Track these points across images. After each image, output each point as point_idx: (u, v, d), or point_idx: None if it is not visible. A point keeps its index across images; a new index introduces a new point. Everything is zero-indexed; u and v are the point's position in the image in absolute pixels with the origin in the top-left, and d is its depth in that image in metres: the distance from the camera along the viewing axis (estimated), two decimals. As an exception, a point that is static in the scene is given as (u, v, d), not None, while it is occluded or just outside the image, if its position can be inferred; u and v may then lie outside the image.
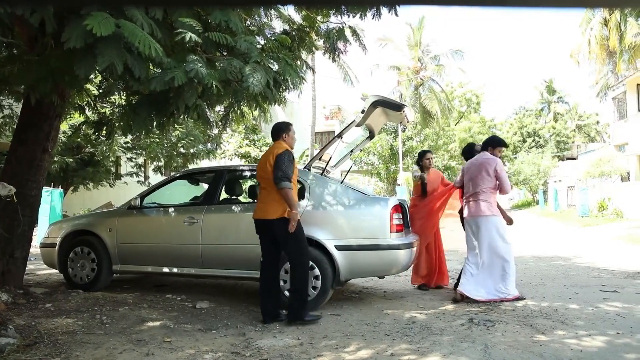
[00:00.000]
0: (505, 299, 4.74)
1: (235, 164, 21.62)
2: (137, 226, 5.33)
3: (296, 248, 4.09)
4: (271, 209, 4.06)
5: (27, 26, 3.04)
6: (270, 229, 4.10)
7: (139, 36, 2.57)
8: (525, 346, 3.41)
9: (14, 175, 4.69)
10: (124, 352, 3.32)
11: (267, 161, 4.11)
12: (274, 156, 4.06)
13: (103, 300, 4.78)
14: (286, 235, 4.03)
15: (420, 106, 27.57)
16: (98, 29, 2.40)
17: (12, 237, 4.66)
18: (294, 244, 4.08)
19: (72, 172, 13.63)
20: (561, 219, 19.23)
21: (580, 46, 25.87)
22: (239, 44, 3.25)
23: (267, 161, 4.11)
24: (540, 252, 8.90)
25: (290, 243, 4.07)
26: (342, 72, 23.27)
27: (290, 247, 4.10)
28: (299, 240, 4.10)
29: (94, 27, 2.39)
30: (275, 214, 4.04)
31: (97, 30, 2.40)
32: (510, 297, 4.76)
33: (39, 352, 3.22)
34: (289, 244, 4.08)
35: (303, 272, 4.12)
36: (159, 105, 3.64)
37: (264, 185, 4.17)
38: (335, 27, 4.98)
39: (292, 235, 4.03)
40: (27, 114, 4.94)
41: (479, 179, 4.88)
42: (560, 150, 39.78)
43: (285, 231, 4.00)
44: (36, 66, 3.24)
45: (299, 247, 4.10)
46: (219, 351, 3.35)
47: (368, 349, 3.39)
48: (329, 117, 32.83)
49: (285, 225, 4.01)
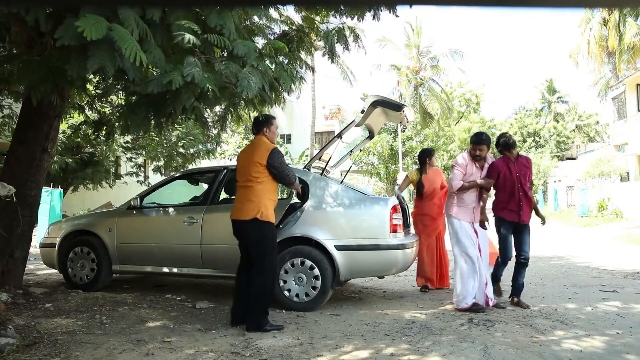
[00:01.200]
0: (458, 308, 4.48)
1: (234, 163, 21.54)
2: (137, 226, 5.33)
3: (264, 253, 3.87)
4: (244, 209, 3.87)
5: (25, 25, 3.04)
6: (242, 230, 3.91)
7: (128, 43, 2.56)
8: (524, 346, 3.42)
9: (14, 175, 4.69)
10: (124, 352, 3.32)
11: (252, 160, 3.91)
12: (261, 157, 3.88)
13: (103, 300, 4.78)
14: (256, 239, 3.85)
15: (420, 106, 27.57)
16: (89, 32, 2.39)
17: (12, 237, 4.66)
18: (263, 248, 3.87)
19: (72, 172, 13.63)
20: (561, 219, 19.24)
21: (579, 46, 25.86)
22: (235, 49, 3.24)
23: (252, 160, 3.91)
24: (539, 252, 8.89)
25: (259, 247, 3.87)
26: (341, 72, 23.30)
27: (258, 251, 3.87)
28: (269, 246, 3.90)
29: (85, 30, 2.39)
30: (249, 215, 3.84)
31: (87, 34, 2.39)
32: (460, 306, 4.46)
33: (38, 352, 3.22)
34: (258, 248, 3.87)
35: (268, 279, 3.90)
36: (156, 105, 3.64)
37: (242, 184, 3.97)
38: (334, 28, 4.98)
39: (263, 240, 3.86)
40: (27, 114, 4.94)
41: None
42: (560, 151, 39.80)
43: (256, 234, 3.84)
44: (36, 66, 3.24)
45: (267, 253, 3.88)
46: (219, 351, 3.35)
47: (368, 349, 3.39)
48: (328, 117, 32.84)
49: (258, 227, 3.83)
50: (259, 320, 3.81)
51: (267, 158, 3.89)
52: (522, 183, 4.61)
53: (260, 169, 3.90)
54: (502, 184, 4.63)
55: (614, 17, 22.54)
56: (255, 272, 3.89)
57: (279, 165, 3.93)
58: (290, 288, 4.51)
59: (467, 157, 4.71)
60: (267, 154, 3.90)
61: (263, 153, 3.91)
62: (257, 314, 3.83)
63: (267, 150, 3.92)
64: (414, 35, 28.72)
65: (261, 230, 3.85)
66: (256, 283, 3.87)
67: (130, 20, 2.64)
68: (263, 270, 3.87)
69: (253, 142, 4.11)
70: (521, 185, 4.60)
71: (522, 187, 4.60)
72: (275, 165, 3.92)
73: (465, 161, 4.66)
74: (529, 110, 45.83)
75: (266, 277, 3.88)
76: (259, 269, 3.87)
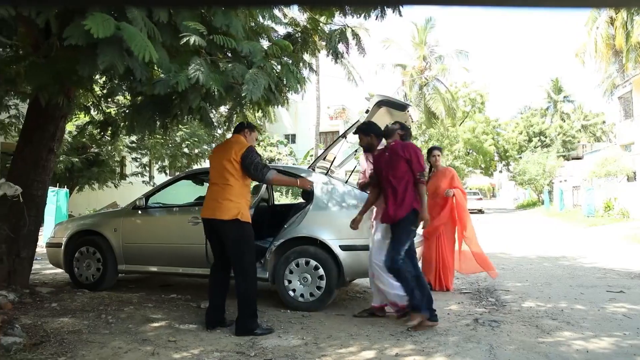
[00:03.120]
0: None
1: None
2: (142, 226, 5.35)
3: (244, 254, 3.81)
4: (223, 208, 3.76)
5: (33, 27, 3.05)
6: (219, 230, 3.82)
7: (137, 40, 2.57)
8: (530, 347, 3.40)
9: (20, 175, 4.72)
10: (129, 352, 3.33)
11: (226, 157, 3.82)
12: (236, 154, 3.81)
13: (108, 299, 4.80)
14: (236, 240, 3.79)
15: (425, 106, 27.53)
16: (96, 30, 2.40)
17: (19, 237, 4.69)
18: (243, 249, 3.80)
19: (78, 172, 13.69)
20: (567, 219, 19.13)
21: (585, 45, 25.72)
22: (241, 48, 3.25)
23: (226, 157, 3.82)
24: (545, 252, 8.86)
25: (240, 248, 3.80)
26: (346, 72, 23.30)
27: (238, 252, 3.80)
28: (249, 246, 3.85)
29: (92, 28, 2.40)
30: (228, 215, 3.74)
31: (95, 32, 2.40)
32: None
33: (45, 351, 3.24)
34: (238, 249, 3.80)
35: (251, 280, 3.83)
36: (162, 106, 3.66)
37: (216, 181, 3.89)
38: (337, 30, 4.98)
39: (243, 241, 3.80)
40: (33, 115, 4.97)
41: None
42: (566, 150, 39.59)
43: (237, 235, 3.77)
44: (44, 67, 3.26)
45: (248, 254, 3.83)
46: (224, 351, 3.36)
47: (372, 349, 3.39)
48: (333, 117, 32.85)
49: (237, 228, 3.75)
50: (248, 324, 3.75)
51: (241, 156, 3.82)
52: (389, 175, 4.04)
53: (236, 166, 3.83)
54: (379, 178, 4.19)
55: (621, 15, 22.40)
56: (238, 275, 3.81)
57: (248, 162, 3.82)
58: (295, 288, 4.51)
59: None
60: (242, 152, 3.83)
61: (238, 151, 3.84)
62: (246, 318, 3.76)
63: (242, 149, 3.85)
64: (419, 35, 28.68)
65: (241, 231, 3.80)
66: (240, 287, 3.79)
67: (138, 20, 2.65)
68: (245, 272, 3.81)
69: (230, 140, 4.05)
70: (387, 177, 4.06)
71: (388, 179, 4.06)
72: (244, 162, 3.82)
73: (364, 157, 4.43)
74: (535, 110, 45.61)
75: (249, 279, 3.83)
76: (241, 271, 3.80)
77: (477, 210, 26.96)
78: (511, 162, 40.35)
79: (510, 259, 8.12)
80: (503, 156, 41.18)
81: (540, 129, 42.07)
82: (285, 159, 24.41)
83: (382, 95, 4.90)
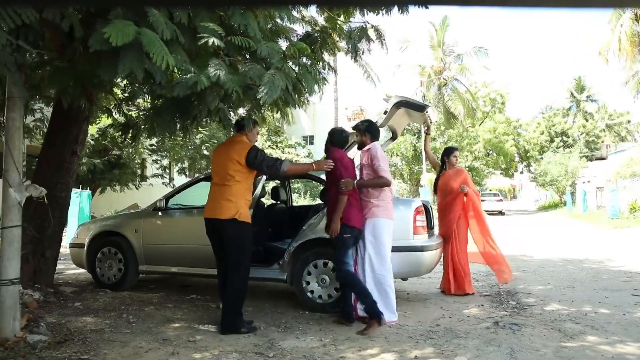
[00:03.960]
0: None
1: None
2: (162, 227, 5.42)
3: (242, 253, 3.83)
4: (222, 207, 3.79)
5: (58, 32, 3.12)
6: (219, 229, 3.84)
7: (156, 47, 2.61)
8: (553, 351, 3.33)
9: (45, 177, 4.83)
10: (150, 351, 3.37)
11: (230, 158, 3.82)
12: (239, 155, 3.81)
13: (129, 299, 4.87)
14: (234, 238, 3.80)
15: (444, 107, 27.25)
16: (115, 38, 2.45)
17: (43, 238, 4.80)
18: (241, 247, 3.83)
19: (100, 174, 13.96)
20: (590, 221, 18.73)
21: (609, 43, 25.12)
22: (259, 50, 3.27)
23: (230, 158, 3.82)
24: (568, 255, 8.68)
25: (237, 247, 3.82)
26: (364, 73, 23.22)
27: (236, 250, 3.82)
28: (246, 246, 3.86)
29: (111, 36, 2.45)
30: (227, 214, 3.76)
31: (114, 40, 2.45)
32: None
33: (69, 350, 3.30)
34: (235, 247, 3.82)
35: (244, 280, 3.86)
36: (182, 108, 3.69)
37: (217, 181, 3.91)
38: (357, 27, 4.95)
39: (240, 240, 3.82)
40: (57, 118, 5.08)
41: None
42: (590, 150, 38.77)
43: (234, 234, 3.79)
44: (66, 71, 3.34)
45: (244, 253, 3.85)
46: (243, 351, 3.37)
47: (391, 352, 3.36)
48: (351, 118, 32.79)
49: (236, 227, 3.77)
50: (233, 322, 3.78)
51: (246, 156, 3.81)
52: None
53: (238, 167, 3.82)
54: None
55: (646, 12, 21.84)
56: (232, 273, 3.83)
57: (258, 161, 3.81)
58: (313, 289, 4.51)
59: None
60: (246, 152, 3.83)
61: (241, 151, 3.84)
62: (232, 316, 3.79)
63: (245, 149, 3.84)
64: (437, 34, 28.43)
65: (240, 230, 3.81)
66: (233, 285, 3.82)
67: (160, 22, 2.70)
68: (239, 271, 3.83)
69: (232, 140, 4.04)
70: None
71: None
72: (251, 162, 3.81)
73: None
74: (557, 109, 44.80)
75: (242, 279, 3.85)
76: (236, 270, 3.83)
77: (497, 212, 26.61)
78: (532, 162, 39.70)
79: (531, 261, 7.97)
80: (524, 157, 40.54)
81: (563, 129, 41.31)
82: (303, 160, 24.47)
83: (401, 96, 4.87)
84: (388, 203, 4.11)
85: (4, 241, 3.35)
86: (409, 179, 26.44)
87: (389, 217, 4.10)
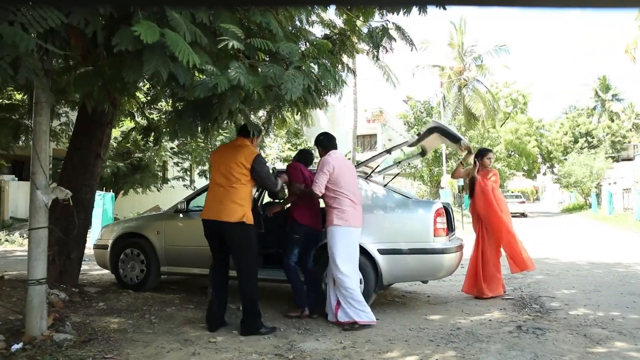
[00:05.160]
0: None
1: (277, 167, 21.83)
2: (184, 229, 5.48)
3: (248, 256, 3.87)
4: (228, 210, 3.78)
5: (82, 38, 3.20)
6: (224, 232, 3.84)
7: (180, 46, 2.66)
8: (579, 357, 3.25)
9: (70, 180, 4.94)
10: (172, 351, 3.41)
11: (236, 160, 3.85)
12: (246, 159, 3.86)
13: (152, 300, 4.94)
14: (241, 242, 3.82)
15: (464, 108, 26.94)
16: (145, 36, 2.51)
17: (68, 239, 4.90)
18: (248, 249, 3.85)
19: (123, 176, 14.22)
20: (616, 223, 18.25)
21: (636, 41, 24.49)
22: (281, 49, 3.29)
23: (236, 160, 3.85)
24: (594, 258, 8.47)
25: (243, 250, 3.85)
26: (383, 75, 23.11)
27: (242, 254, 3.86)
28: (253, 248, 3.89)
29: (141, 34, 2.50)
30: (233, 217, 3.76)
31: (144, 37, 2.50)
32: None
33: (93, 349, 3.37)
34: (241, 251, 3.85)
35: (253, 281, 3.91)
36: (203, 110, 3.74)
37: (221, 183, 3.89)
38: (378, 26, 4.93)
39: (247, 243, 3.84)
40: (82, 122, 5.20)
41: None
42: (616, 151, 37.82)
43: (242, 237, 3.81)
44: (91, 76, 3.41)
45: (251, 255, 3.89)
46: (263, 353, 3.39)
47: (412, 355, 3.33)
48: (370, 120, 32.69)
49: (242, 230, 3.78)
50: (253, 323, 3.83)
51: (252, 162, 3.87)
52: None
53: (244, 170, 3.86)
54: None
55: (674, 9, 21.21)
56: (242, 277, 3.89)
57: (263, 173, 3.94)
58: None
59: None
60: (252, 158, 3.88)
61: (248, 156, 3.88)
62: (251, 318, 3.84)
63: (252, 154, 3.90)
64: (457, 34, 28.13)
65: (246, 233, 3.84)
66: (245, 289, 3.89)
67: (180, 25, 2.74)
68: (249, 276, 3.89)
69: (236, 143, 4.07)
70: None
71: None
72: (258, 172, 3.90)
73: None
74: (581, 109, 43.85)
75: (252, 282, 3.90)
76: (246, 273, 3.88)
77: (519, 214, 26.17)
78: (555, 164, 38.93)
79: (556, 264, 7.81)
80: (547, 158, 39.79)
81: (587, 129, 40.43)
82: (322, 162, 24.48)
83: (437, 122, 4.99)
84: (344, 211, 4.16)
85: (31, 242, 3.43)
86: (429, 180, 26.20)
87: (345, 224, 4.15)
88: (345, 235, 4.15)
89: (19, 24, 2.42)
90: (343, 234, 4.14)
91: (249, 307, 3.86)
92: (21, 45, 2.40)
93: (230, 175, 3.86)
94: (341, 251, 4.12)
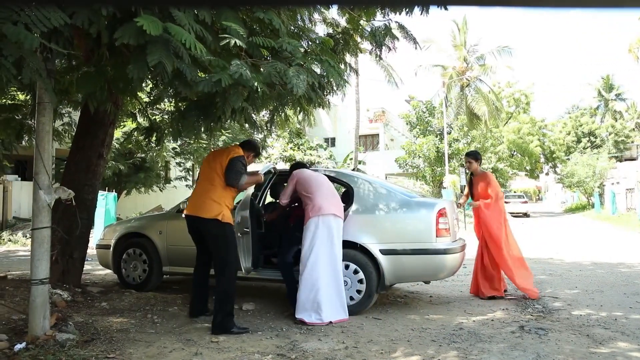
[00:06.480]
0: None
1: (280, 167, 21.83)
2: (186, 229, 5.47)
3: (226, 252, 3.92)
4: (205, 207, 3.91)
5: (85, 38, 3.20)
6: (202, 228, 3.97)
7: (185, 35, 2.68)
8: (582, 357, 3.24)
9: (72, 180, 4.95)
10: (174, 351, 3.42)
11: (218, 160, 4.01)
12: (227, 158, 3.98)
13: (154, 300, 4.95)
14: (216, 238, 3.91)
15: (467, 108, 26.89)
16: (148, 27, 2.52)
17: (71, 239, 4.91)
18: (224, 247, 3.92)
19: (125, 176, 14.25)
20: (619, 223, 18.20)
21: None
22: (284, 46, 3.29)
23: (218, 160, 4.01)
24: (597, 258, 8.45)
25: (221, 246, 3.92)
26: (385, 75, 23.10)
27: (220, 250, 3.93)
28: (230, 246, 3.94)
29: (144, 25, 2.51)
30: (210, 213, 3.88)
31: (147, 29, 2.51)
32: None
33: (95, 348, 3.37)
34: (219, 247, 3.93)
35: (230, 280, 3.93)
36: (206, 109, 3.75)
37: (203, 180, 4.06)
38: (381, 26, 4.92)
39: (223, 240, 3.90)
40: (84, 122, 5.21)
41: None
42: (619, 151, 37.71)
43: (217, 233, 3.89)
44: (93, 76, 3.42)
45: (229, 252, 3.94)
46: (265, 352, 3.39)
47: (414, 355, 3.33)
48: (372, 120, 32.65)
49: (217, 228, 3.88)
50: (224, 322, 3.83)
51: (229, 159, 3.98)
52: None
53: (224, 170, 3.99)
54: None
55: (677, 8, 21.12)
56: (218, 274, 3.94)
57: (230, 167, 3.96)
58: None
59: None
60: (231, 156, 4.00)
61: (229, 155, 4.01)
62: (222, 317, 3.84)
63: (234, 154, 4.02)
64: (459, 34, 28.09)
65: (222, 230, 3.91)
66: (220, 286, 3.91)
67: (185, 21, 2.75)
68: (225, 271, 3.92)
69: (228, 147, 4.27)
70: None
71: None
72: (228, 166, 3.96)
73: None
74: (584, 109, 43.71)
75: (228, 278, 3.92)
76: (221, 270, 3.93)
77: (522, 214, 26.11)
78: (558, 164, 38.84)
79: (558, 264, 7.79)
80: (549, 158, 39.69)
81: (590, 129, 40.31)
82: (325, 162, 24.42)
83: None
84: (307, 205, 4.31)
85: (34, 242, 3.44)
86: (431, 180, 26.15)
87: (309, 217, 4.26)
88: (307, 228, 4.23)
89: (23, 24, 2.42)
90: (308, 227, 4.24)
91: (222, 304, 3.86)
92: (25, 43, 2.41)
93: (213, 173, 4.00)
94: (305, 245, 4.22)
